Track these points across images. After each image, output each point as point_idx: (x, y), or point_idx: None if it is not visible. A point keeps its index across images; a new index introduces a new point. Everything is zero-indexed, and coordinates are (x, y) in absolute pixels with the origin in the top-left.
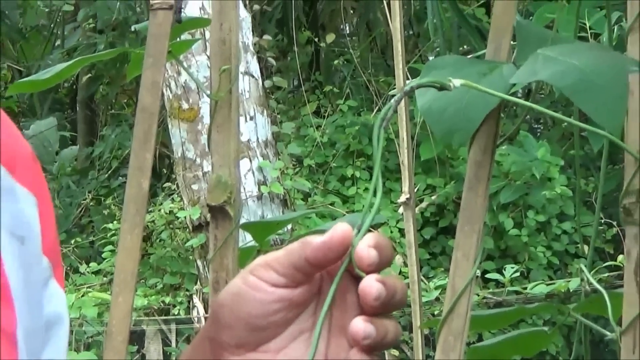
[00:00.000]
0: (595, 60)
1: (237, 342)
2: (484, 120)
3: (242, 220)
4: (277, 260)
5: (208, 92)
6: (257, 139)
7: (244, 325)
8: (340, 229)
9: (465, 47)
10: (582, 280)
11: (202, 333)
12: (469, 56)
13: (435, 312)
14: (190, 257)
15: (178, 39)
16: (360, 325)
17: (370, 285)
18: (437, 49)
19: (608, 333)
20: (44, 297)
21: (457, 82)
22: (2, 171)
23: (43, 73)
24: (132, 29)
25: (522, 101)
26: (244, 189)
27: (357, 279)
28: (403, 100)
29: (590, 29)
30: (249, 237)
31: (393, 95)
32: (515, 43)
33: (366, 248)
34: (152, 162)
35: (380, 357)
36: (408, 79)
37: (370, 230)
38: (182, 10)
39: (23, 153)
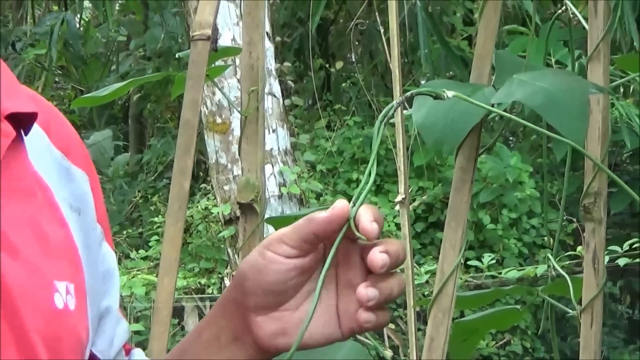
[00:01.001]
0: (561, 83)
1: (261, 305)
2: (468, 133)
3: (266, 215)
4: (288, 236)
5: (239, 109)
6: (278, 148)
7: (266, 291)
8: (339, 205)
9: (450, 72)
10: (548, 266)
11: (226, 297)
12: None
13: (425, 293)
14: (222, 246)
15: (214, 65)
16: (363, 291)
17: (375, 257)
18: (427, 75)
19: (570, 310)
20: (99, 257)
21: (449, 93)
22: (60, 155)
23: (102, 90)
24: (176, 56)
25: (504, 113)
26: (267, 189)
27: (355, 241)
28: (400, 117)
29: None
30: (271, 229)
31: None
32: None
33: (369, 222)
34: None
35: (389, 311)
36: None
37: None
38: (217, 40)
39: (74, 138)
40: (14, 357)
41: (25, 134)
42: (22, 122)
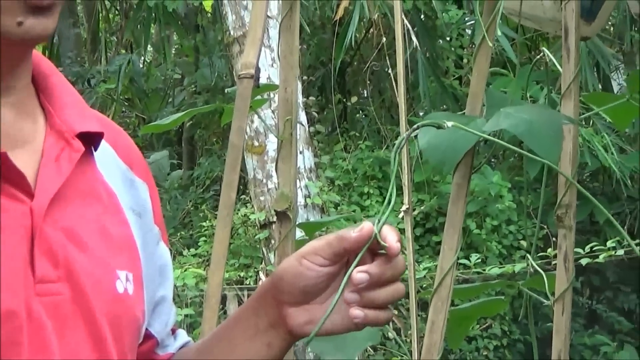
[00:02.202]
0: (540, 115)
1: (295, 300)
2: (463, 156)
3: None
4: (323, 249)
5: (276, 134)
6: (304, 166)
7: (300, 292)
8: (366, 227)
9: (444, 106)
10: (527, 265)
11: (263, 292)
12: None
13: (423, 285)
14: (258, 246)
15: (256, 98)
16: (355, 275)
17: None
18: (425, 108)
19: (545, 301)
20: (156, 253)
21: (449, 123)
22: (125, 167)
23: (164, 120)
24: (225, 91)
25: (494, 139)
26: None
27: (371, 252)
28: (405, 144)
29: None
30: (299, 232)
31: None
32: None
33: (395, 242)
34: None
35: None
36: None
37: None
38: (259, 78)
39: (137, 155)
40: (84, 332)
41: (95, 150)
42: (91, 140)
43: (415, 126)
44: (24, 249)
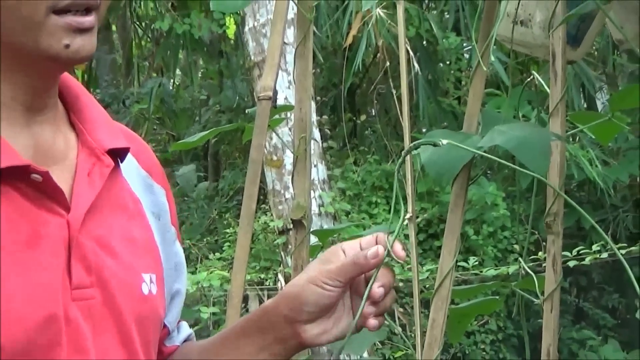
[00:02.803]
0: (530, 133)
1: (312, 317)
2: (461, 169)
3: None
4: (340, 274)
5: (292, 150)
6: (318, 178)
7: (320, 310)
8: (380, 252)
9: (444, 123)
10: (519, 268)
11: (268, 313)
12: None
13: (426, 286)
14: (276, 250)
15: (273, 117)
16: (376, 290)
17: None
18: (427, 125)
19: (535, 300)
20: (172, 251)
21: (444, 141)
22: (145, 174)
23: (192, 137)
24: (245, 111)
25: (487, 155)
26: (310, 209)
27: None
28: (408, 157)
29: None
30: (314, 238)
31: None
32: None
33: (401, 250)
34: None
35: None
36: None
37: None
38: (276, 100)
39: (155, 162)
40: (114, 333)
41: (121, 161)
42: (119, 153)
43: (412, 144)
44: (62, 258)
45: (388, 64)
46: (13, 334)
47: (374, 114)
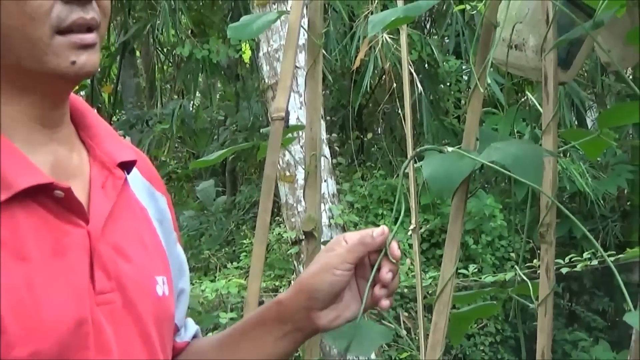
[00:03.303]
0: (524, 149)
1: (327, 304)
2: (460, 183)
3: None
4: (348, 257)
5: (303, 166)
6: (328, 192)
7: (334, 296)
8: (384, 230)
9: (445, 140)
10: (515, 274)
11: (285, 304)
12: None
13: (430, 292)
14: (290, 260)
15: (286, 137)
16: (385, 275)
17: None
18: (429, 142)
19: (531, 304)
20: (174, 253)
21: (449, 149)
22: (148, 184)
23: (210, 156)
24: (261, 130)
25: (489, 164)
26: (321, 221)
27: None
28: (412, 171)
29: (517, 132)
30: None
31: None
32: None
33: (397, 250)
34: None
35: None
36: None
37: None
38: (288, 120)
39: (155, 173)
40: (135, 334)
41: (128, 173)
42: (126, 165)
43: (418, 149)
44: (86, 266)
45: (393, 85)
46: (49, 338)
47: (379, 132)
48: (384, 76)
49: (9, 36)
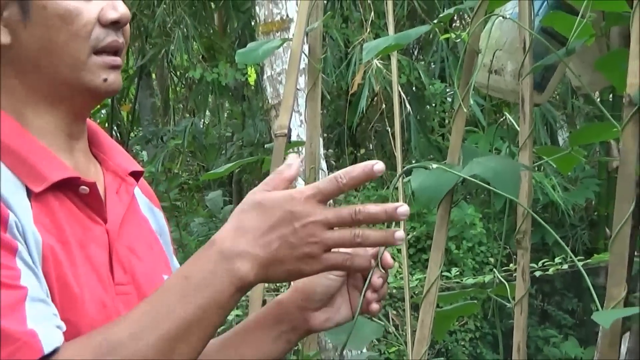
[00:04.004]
0: (502, 164)
1: (320, 306)
2: (445, 194)
3: None
4: None
5: (303, 178)
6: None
7: (327, 298)
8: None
9: (430, 156)
10: (494, 277)
11: (283, 305)
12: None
13: (416, 292)
14: None
15: (288, 151)
16: (377, 280)
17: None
18: (416, 158)
19: (507, 304)
20: (173, 262)
21: (434, 165)
22: (147, 200)
23: (219, 169)
24: (265, 146)
25: (469, 178)
26: None
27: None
28: (401, 184)
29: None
30: None
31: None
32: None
33: (390, 259)
34: None
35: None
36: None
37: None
38: (290, 136)
39: (151, 190)
40: None
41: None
42: (135, 176)
43: (406, 167)
44: (106, 259)
45: (384, 106)
46: (82, 314)
47: (371, 148)
48: (375, 98)
49: (52, 51)
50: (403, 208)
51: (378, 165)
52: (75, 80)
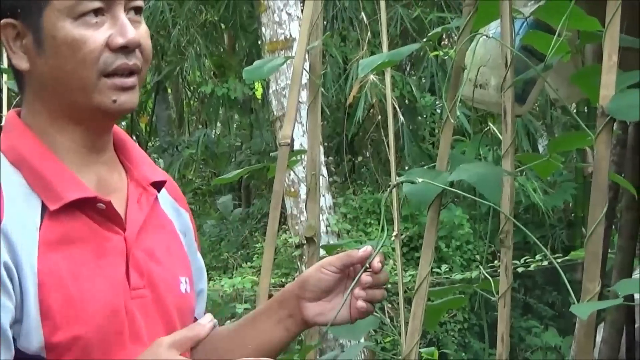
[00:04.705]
0: (487, 170)
1: (313, 297)
2: (434, 198)
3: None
4: (335, 262)
5: (305, 183)
6: (326, 205)
7: (320, 290)
8: (368, 249)
9: (422, 162)
10: (479, 273)
11: (286, 291)
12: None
13: (409, 287)
14: (294, 260)
15: (291, 159)
16: (364, 277)
17: (386, 276)
18: (409, 164)
19: (492, 298)
20: (196, 260)
21: (419, 180)
22: (173, 201)
23: (229, 174)
24: (270, 154)
25: (450, 189)
26: (319, 229)
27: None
28: (394, 189)
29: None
30: (322, 251)
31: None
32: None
33: (378, 263)
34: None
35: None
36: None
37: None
38: (293, 145)
39: (179, 192)
40: (161, 323)
41: (158, 192)
42: (158, 185)
43: (396, 181)
44: (122, 266)
45: (379, 117)
46: (89, 324)
47: (368, 155)
48: (371, 109)
49: (64, 77)
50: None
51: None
52: (87, 103)
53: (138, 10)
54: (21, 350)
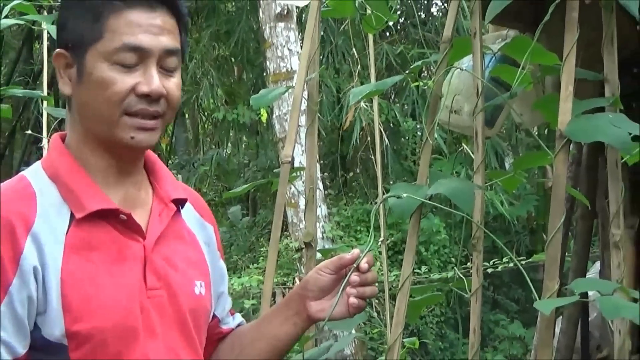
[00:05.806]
0: (461, 185)
1: (314, 296)
2: (415, 209)
3: (317, 248)
4: (329, 264)
5: (304, 196)
6: (322, 215)
7: (318, 290)
8: (356, 252)
9: (405, 178)
10: (454, 273)
11: (292, 293)
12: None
13: (394, 285)
14: (294, 262)
15: (291, 175)
16: (353, 277)
17: (375, 276)
18: (393, 179)
19: (465, 294)
20: (217, 266)
21: (404, 194)
22: (199, 216)
23: (238, 189)
24: (274, 170)
25: (428, 202)
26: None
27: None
28: (382, 205)
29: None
30: (318, 255)
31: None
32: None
33: (364, 264)
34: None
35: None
36: (383, 193)
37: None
38: (293, 163)
39: (206, 207)
40: (174, 321)
41: (182, 208)
42: (180, 202)
43: (384, 197)
44: (140, 269)
45: (368, 138)
46: (107, 318)
47: (358, 172)
48: (361, 132)
49: (92, 109)
50: None
51: None
52: (110, 135)
53: (171, 68)
54: (45, 338)
